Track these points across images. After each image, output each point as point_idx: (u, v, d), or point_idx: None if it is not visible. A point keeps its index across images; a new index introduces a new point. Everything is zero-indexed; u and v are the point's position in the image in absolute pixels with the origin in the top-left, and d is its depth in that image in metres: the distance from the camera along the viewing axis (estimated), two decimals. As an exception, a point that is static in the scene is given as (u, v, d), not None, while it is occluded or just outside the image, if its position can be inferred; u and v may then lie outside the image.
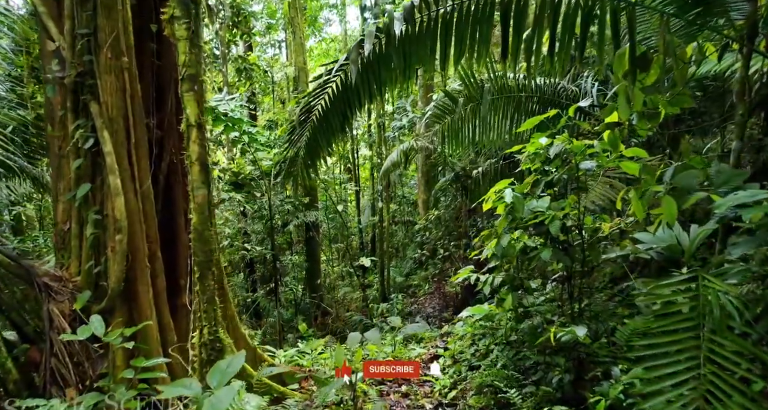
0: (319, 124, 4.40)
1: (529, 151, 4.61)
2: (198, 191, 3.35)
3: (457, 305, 11.13)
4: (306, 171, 5.02)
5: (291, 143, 4.87)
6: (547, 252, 4.13)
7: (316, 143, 4.68)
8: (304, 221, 10.46)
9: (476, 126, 6.16)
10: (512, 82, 6.22)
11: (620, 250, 4.46)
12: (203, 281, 3.19)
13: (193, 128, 3.41)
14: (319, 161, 5.06)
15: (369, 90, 3.85)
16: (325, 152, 4.84)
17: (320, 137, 4.56)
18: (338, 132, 4.56)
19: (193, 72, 3.49)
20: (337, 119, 4.25)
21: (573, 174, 4.49)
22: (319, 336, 10.32)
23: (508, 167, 6.66)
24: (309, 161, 4.93)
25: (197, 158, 3.41)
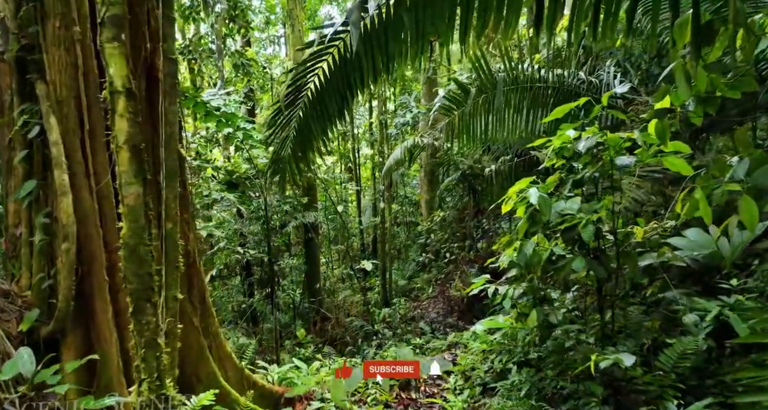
0: (311, 107, 3.68)
1: (555, 145, 3.97)
2: (129, 189, 2.38)
3: (462, 310, 10.50)
4: (296, 166, 4.14)
5: (276, 130, 3.98)
6: (580, 262, 3.48)
7: (308, 130, 3.81)
8: (302, 222, 9.80)
9: (489, 120, 5.52)
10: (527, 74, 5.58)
11: (658, 257, 3.83)
12: (139, 318, 2.44)
13: (119, 97, 2.41)
14: (312, 154, 4.17)
15: (373, 65, 3.16)
16: (320, 143, 3.99)
17: (313, 123, 3.78)
18: (336, 118, 3.78)
19: (118, 12, 2.46)
20: (335, 102, 3.54)
21: (606, 172, 3.85)
22: (318, 343, 9.68)
23: (523, 164, 6.01)
24: (300, 152, 4.06)
25: (126, 139, 2.42)
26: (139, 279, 2.40)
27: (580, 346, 3.65)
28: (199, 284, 3.77)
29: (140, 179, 2.47)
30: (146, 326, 2.37)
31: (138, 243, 2.37)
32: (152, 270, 2.43)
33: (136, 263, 2.37)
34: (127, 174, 2.42)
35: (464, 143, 5.76)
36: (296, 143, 3.98)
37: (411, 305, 11.27)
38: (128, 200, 2.42)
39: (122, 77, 2.40)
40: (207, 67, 11.55)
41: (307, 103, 3.71)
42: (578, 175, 3.86)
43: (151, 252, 2.45)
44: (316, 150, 4.08)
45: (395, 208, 14.35)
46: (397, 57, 3.08)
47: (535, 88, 5.54)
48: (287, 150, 4.00)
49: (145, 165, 2.48)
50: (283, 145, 3.99)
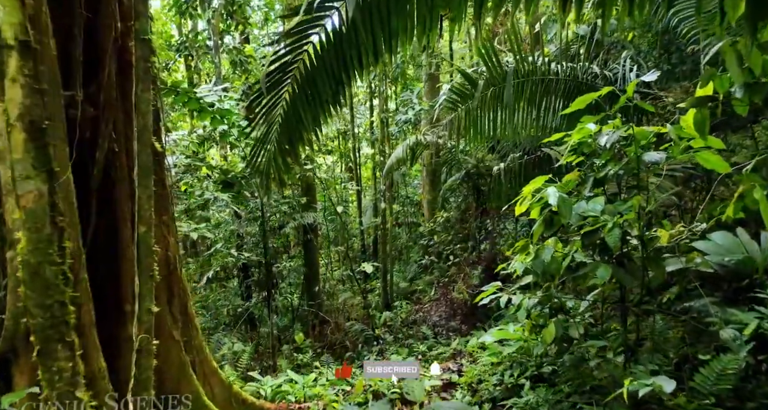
0: (300, 91, 3.14)
1: (574, 140, 3.56)
2: (25, 185, 1.81)
3: (465, 314, 10.07)
4: (283, 160, 3.47)
5: (257, 118, 3.34)
6: (605, 270, 3.07)
7: (296, 118, 3.22)
8: (301, 223, 9.40)
9: (497, 115, 5.11)
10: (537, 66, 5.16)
11: (687, 263, 3.42)
12: (48, 364, 1.92)
13: (10, 54, 1.87)
14: (302, 146, 3.51)
15: (374, 42, 2.72)
16: (311, 133, 3.39)
17: (303, 110, 3.19)
18: (330, 104, 3.22)
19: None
20: (328, 85, 3.05)
21: (631, 169, 3.44)
22: (317, 348, 9.27)
23: (533, 163, 5.60)
24: (287, 145, 3.40)
25: (21, 114, 1.86)
26: (44, 311, 1.79)
27: (605, 364, 3.24)
28: (180, 293, 3.36)
29: (43, 171, 1.93)
30: (58, 374, 1.82)
31: (42, 261, 1.78)
32: (65, 298, 1.95)
33: (40, 290, 1.76)
34: (23, 164, 1.82)
35: (471, 139, 5.35)
36: (282, 133, 3.35)
37: (412, 308, 10.85)
38: (25, 201, 1.81)
39: (15, 26, 1.80)
40: (204, 64, 11.15)
41: (295, 85, 3.18)
42: (600, 173, 3.45)
43: (65, 273, 1.98)
44: (307, 142, 3.48)
45: (396, 208, 13.95)
46: (401, 33, 2.65)
47: (547, 81, 5.13)
48: (272, 142, 3.44)
49: (50, 151, 1.96)
50: (267, 135, 3.41)
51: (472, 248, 10.14)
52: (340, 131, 14.44)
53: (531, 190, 3.39)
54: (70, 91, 2.67)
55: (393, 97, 14.92)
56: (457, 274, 10.64)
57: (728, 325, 3.30)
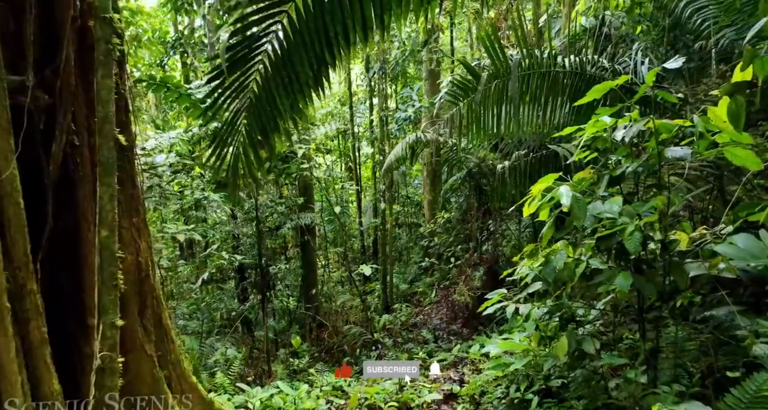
0: (274, 71, 2.65)
1: (587, 134, 3.21)
2: None
3: (466, 317, 9.72)
4: (255, 153, 2.88)
5: (218, 102, 2.76)
6: (625, 278, 2.72)
7: (271, 104, 2.68)
8: (298, 223, 9.06)
9: (502, 110, 4.77)
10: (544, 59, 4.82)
11: (710, 268, 3.06)
12: None
13: None
14: (277, 138, 2.90)
15: (362, 14, 2.33)
16: (288, 122, 2.84)
17: (278, 94, 2.66)
18: (311, 88, 2.69)
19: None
20: (308, 65, 2.59)
21: (651, 166, 3.09)
22: (314, 352, 8.92)
23: (539, 160, 5.25)
24: (258, 136, 2.84)
25: None
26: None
27: (626, 384, 2.89)
28: (153, 303, 3.02)
29: None
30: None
31: None
32: None
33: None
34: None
35: (473, 136, 4.99)
36: (253, 121, 2.80)
37: (413, 311, 10.50)
38: None
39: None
40: (200, 61, 10.82)
41: (268, 64, 2.69)
42: (617, 170, 3.10)
43: None
44: (284, 132, 2.89)
45: (397, 209, 13.60)
46: (394, 4, 2.28)
47: (554, 74, 4.78)
48: (239, 132, 2.87)
49: None
50: (233, 125, 2.81)
51: (474, 249, 9.79)
52: (340, 130, 14.10)
53: (540, 189, 3.03)
54: (20, 75, 2.32)
55: (393, 96, 14.57)
56: (458, 276, 10.29)
57: (759, 338, 2.96)
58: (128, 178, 2.86)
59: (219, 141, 3.00)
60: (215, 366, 7.04)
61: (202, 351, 7.82)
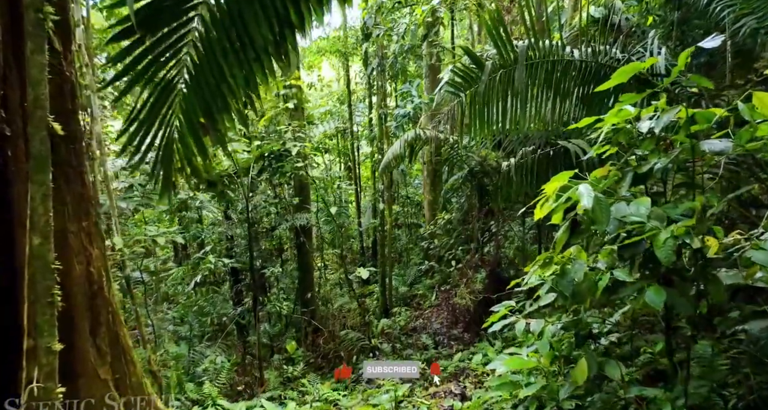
0: (220, 33, 1.99)
1: (608, 126, 2.78)
2: None
3: (467, 321, 9.28)
4: (196, 141, 2.22)
5: (125, 70, 2.11)
6: (658, 293, 2.29)
7: (216, 77, 2.06)
8: (293, 224, 8.63)
9: (507, 103, 4.33)
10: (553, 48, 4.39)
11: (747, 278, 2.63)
12: None
13: None
14: (228, 120, 2.24)
15: None
16: (242, 100, 2.18)
17: (227, 64, 2.03)
18: (269, 55, 2.08)
19: None
20: (266, 27, 2.02)
21: (682, 161, 2.66)
22: (309, 358, 8.49)
23: (547, 158, 4.81)
24: (200, 118, 2.17)
25: None
26: None
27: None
28: (109, 320, 2.59)
29: None
30: None
31: None
32: None
33: None
34: None
35: (476, 132, 4.56)
36: (192, 98, 2.12)
37: (412, 315, 10.07)
38: None
39: None
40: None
41: (210, 21, 2.01)
42: (643, 167, 2.66)
43: None
44: (236, 113, 2.22)
45: (396, 209, 13.16)
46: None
47: (564, 64, 4.34)
48: (174, 110, 2.17)
49: None
50: (158, 103, 2.13)
51: (475, 250, 9.36)
52: (339, 129, 13.67)
53: (555, 189, 2.60)
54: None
55: (393, 94, 14.14)
56: (459, 278, 9.86)
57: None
58: (77, 175, 2.44)
59: (138, 122, 2.22)
60: (204, 375, 6.62)
61: (192, 358, 7.40)
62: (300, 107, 8.49)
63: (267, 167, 7.32)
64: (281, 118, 7.83)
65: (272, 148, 7.20)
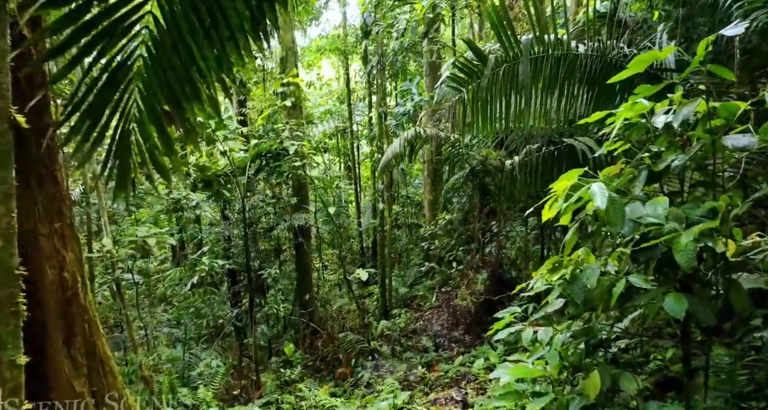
0: (183, 3, 1.70)
1: (620, 121, 2.59)
2: None
3: (468, 323, 9.09)
4: (158, 133, 1.91)
5: (81, 52, 1.74)
6: (678, 302, 2.09)
7: (184, 59, 1.79)
8: (292, 225, 8.44)
9: (511, 99, 4.14)
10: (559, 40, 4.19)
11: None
12: None
13: None
14: (196, 109, 1.93)
15: None
16: (215, 84, 1.90)
17: (193, 39, 1.76)
18: (245, 34, 1.82)
19: None
20: (242, 1, 1.74)
21: (700, 158, 2.47)
22: (308, 361, 8.30)
23: (553, 156, 4.61)
24: (164, 105, 1.87)
25: None
26: None
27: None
28: (85, 329, 2.40)
29: None
30: None
31: None
32: None
33: None
34: None
35: (478, 130, 4.36)
36: (154, 82, 1.82)
37: (412, 316, 9.87)
38: None
39: None
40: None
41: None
42: (660, 164, 2.46)
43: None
44: (208, 100, 1.91)
45: (396, 209, 12.96)
46: None
47: (570, 59, 4.15)
48: (133, 100, 1.84)
49: None
50: (113, 83, 1.78)
51: (476, 250, 9.16)
52: (338, 128, 13.48)
53: (565, 188, 2.40)
54: None
55: (393, 93, 13.94)
56: (460, 279, 9.67)
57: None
58: (48, 173, 2.25)
59: (85, 108, 1.79)
60: (199, 379, 6.43)
61: (189, 361, 7.21)
62: (298, 105, 8.31)
63: (264, 167, 7.13)
64: (279, 116, 7.64)
65: (269, 146, 7.01)
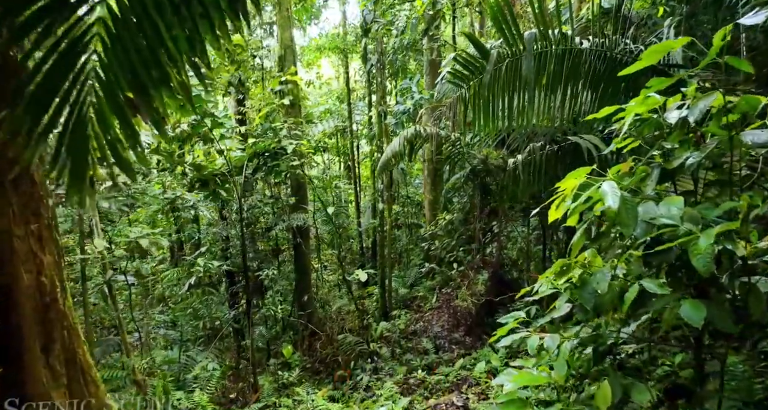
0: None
1: (631, 115, 2.44)
2: None
3: (469, 325, 8.95)
4: (121, 124, 1.66)
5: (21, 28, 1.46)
6: (696, 309, 1.95)
7: (149, 34, 1.57)
8: (290, 225, 8.29)
9: (514, 96, 3.99)
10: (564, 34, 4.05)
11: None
12: None
13: None
14: (166, 97, 1.76)
15: None
16: (186, 67, 1.72)
17: (160, 16, 1.56)
18: (220, 11, 1.62)
19: None
20: None
21: (718, 155, 2.32)
22: (306, 363, 8.16)
23: (556, 155, 4.46)
24: (124, 90, 1.64)
25: None
26: None
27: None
28: (64, 336, 2.26)
29: None
30: None
31: None
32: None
33: None
34: None
35: (480, 128, 4.21)
36: (115, 65, 1.59)
37: (412, 318, 9.72)
38: None
39: None
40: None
41: None
42: (673, 162, 2.32)
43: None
44: (179, 87, 1.72)
45: (396, 209, 12.81)
46: None
47: (575, 54, 4.00)
48: (85, 86, 1.60)
49: None
50: (60, 69, 1.53)
51: (477, 251, 9.02)
52: (338, 127, 13.34)
53: (573, 187, 2.26)
54: None
55: (393, 93, 13.80)
56: (460, 280, 9.52)
57: None
58: (24, 172, 2.10)
59: (29, 95, 1.51)
60: (195, 382, 6.29)
61: (185, 364, 7.07)
62: (297, 104, 8.16)
63: (262, 166, 6.99)
64: (277, 115, 7.49)
65: (266, 145, 6.86)
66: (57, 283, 2.23)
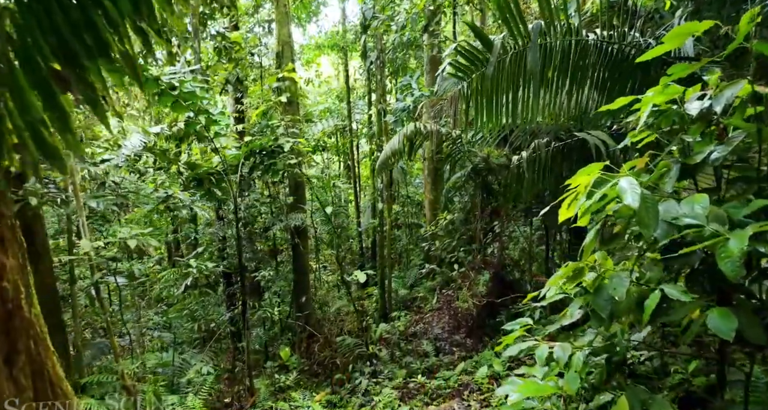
0: None
1: (648, 106, 2.24)
2: None
3: (470, 326, 8.74)
4: (45, 102, 1.28)
5: None
6: (726, 319, 1.74)
7: None
8: (288, 225, 8.09)
9: (518, 90, 3.79)
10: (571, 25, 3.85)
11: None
12: None
13: None
14: (106, 71, 1.37)
15: None
16: (128, 35, 1.34)
17: None
18: None
19: None
20: None
21: (743, 150, 2.12)
22: (304, 366, 7.96)
23: (562, 152, 4.26)
24: (48, 60, 1.26)
25: None
26: None
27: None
28: (30, 346, 2.05)
29: None
30: None
31: None
32: None
33: None
34: None
35: (482, 124, 4.01)
36: (35, 34, 1.27)
37: (412, 319, 9.52)
38: None
39: None
40: (185, 52, 9.88)
41: None
42: (696, 157, 2.12)
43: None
44: (123, 58, 1.39)
45: (396, 209, 12.61)
46: None
47: (582, 46, 3.80)
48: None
49: None
50: None
51: (478, 251, 8.81)
52: (338, 127, 13.14)
53: (587, 184, 2.06)
54: None
55: (393, 91, 13.59)
56: (461, 281, 9.32)
57: None
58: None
59: None
60: (189, 386, 6.09)
61: (180, 367, 6.87)
62: (294, 101, 7.97)
63: (258, 164, 6.79)
64: (274, 112, 7.29)
65: (263, 143, 6.67)
66: (21, 289, 2.03)
